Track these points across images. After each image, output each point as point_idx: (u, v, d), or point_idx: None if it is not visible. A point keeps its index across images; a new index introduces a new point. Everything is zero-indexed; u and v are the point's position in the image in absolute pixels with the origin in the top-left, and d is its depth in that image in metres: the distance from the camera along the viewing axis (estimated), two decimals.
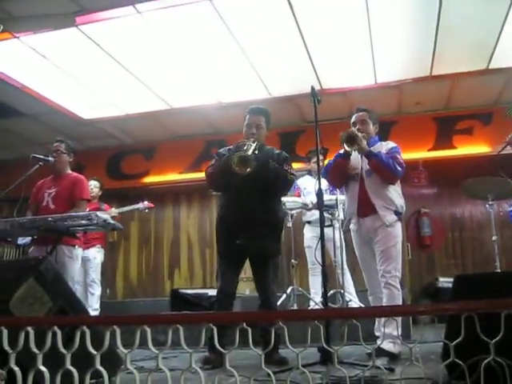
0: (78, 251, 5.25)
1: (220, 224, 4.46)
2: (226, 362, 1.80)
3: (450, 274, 8.53)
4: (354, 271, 6.33)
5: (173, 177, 9.54)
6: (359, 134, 4.28)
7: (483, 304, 1.70)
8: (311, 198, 6.35)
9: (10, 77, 7.01)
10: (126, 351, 1.98)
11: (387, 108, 8.22)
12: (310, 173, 6.80)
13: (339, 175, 4.55)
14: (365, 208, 4.39)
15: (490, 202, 5.60)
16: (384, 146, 4.52)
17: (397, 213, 4.40)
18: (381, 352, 3.72)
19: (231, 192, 4.37)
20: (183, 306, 6.75)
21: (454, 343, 1.73)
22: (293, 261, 6.45)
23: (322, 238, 3.54)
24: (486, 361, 1.71)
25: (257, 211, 4.26)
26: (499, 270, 5.50)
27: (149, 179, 9.64)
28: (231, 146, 4.49)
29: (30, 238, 5.25)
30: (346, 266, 6.30)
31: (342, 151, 4.38)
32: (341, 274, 6.15)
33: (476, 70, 7.23)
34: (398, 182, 4.50)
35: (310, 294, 6.47)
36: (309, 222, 6.69)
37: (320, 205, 3.76)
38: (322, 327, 2.09)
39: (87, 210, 6.30)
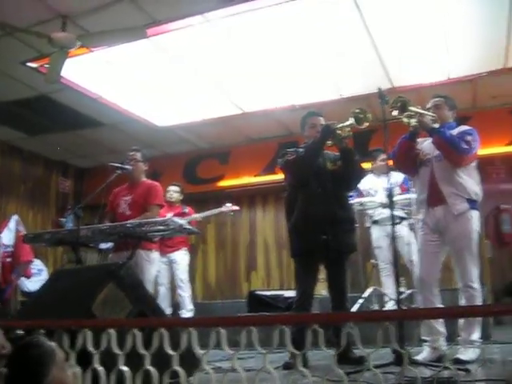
0: (155, 255, 5.45)
1: (302, 221, 4.39)
2: (298, 363, 1.83)
3: None
4: None
5: (248, 180, 9.63)
6: (418, 109, 4.10)
7: None
8: (379, 198, 6.30)
9: (86, 89, 7.31)
10: (202, 352, 2.05)
11: (461, 103, 7.97)
12: (372, 172, 6.71)
13: (405, 158, 4.25)
14: (434, 196, 4.10)
15: None
16: (458, 130, 4.22)
17: (470, 201, 4.04)
18: (459, 362, 3.48)
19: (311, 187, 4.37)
20: (260, 308, 6.82)
21: None
22: (372, 261, 6.39)
23: (393, 237, 3.52)
24: None
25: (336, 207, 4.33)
26: None
27: (224, 183, 9.78)
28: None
29: (112, 244, 5.46)
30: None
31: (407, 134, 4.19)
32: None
33: None
34: (474, 168, 4.19)
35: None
36: (375, 222, 6.55)
37: (391, 202, 3.73)
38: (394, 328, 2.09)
39: (171, 214, 6.55)
